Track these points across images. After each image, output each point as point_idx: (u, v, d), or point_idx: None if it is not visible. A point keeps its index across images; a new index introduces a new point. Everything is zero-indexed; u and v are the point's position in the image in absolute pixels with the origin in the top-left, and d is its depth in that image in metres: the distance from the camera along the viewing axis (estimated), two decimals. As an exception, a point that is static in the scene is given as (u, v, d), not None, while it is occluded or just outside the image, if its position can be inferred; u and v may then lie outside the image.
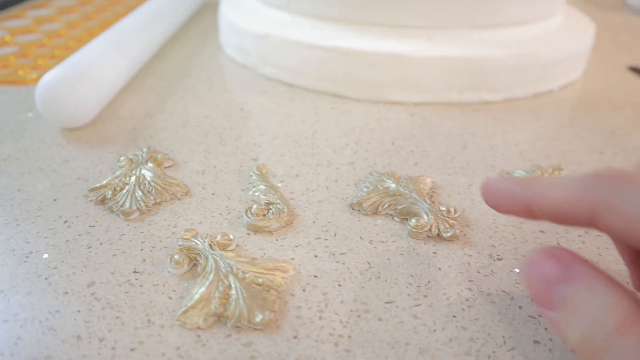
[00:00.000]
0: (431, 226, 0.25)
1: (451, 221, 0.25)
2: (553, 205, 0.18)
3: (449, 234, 0.25)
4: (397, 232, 0.25)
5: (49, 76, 0.32)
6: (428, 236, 0.25)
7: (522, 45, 0.39)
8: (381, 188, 0.28)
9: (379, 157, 0.32)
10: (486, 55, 0.38)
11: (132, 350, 0.19)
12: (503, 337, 0.20)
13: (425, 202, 0.26)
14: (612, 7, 0.74)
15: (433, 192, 0.28)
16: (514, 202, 0.19)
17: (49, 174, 0.29)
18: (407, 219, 0.26)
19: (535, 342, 0.20)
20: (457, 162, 0.32)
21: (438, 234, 0.25)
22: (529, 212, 0.19)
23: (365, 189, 0.28)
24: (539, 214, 0.19)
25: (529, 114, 0.38)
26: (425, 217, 0.25)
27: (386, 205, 0.26)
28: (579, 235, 0.26)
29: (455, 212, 0.26)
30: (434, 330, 0.20)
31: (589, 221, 0.17)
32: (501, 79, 0.39)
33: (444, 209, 0.26)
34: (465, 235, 0.25)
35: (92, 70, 0.35)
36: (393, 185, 0.28)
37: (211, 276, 0.21)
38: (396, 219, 0.26)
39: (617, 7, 0.74)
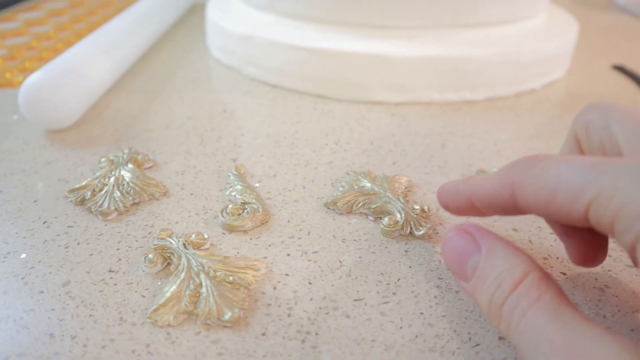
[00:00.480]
0: (403, 224, 0.25)
1: (424, 220, 0.26)
2: (485, 194, 0.20)
3: (421, 232, 0.25)
4: (370, 231, 0.26)
5: (32, 78, 0.33)
6: (400, 234, 0.25)
7: (503, 45, 0.40)
8: (356, 187, 0.28)
9: (357, 156, 0.32)
10: (467, 54, 0.38)
11: (103, 347, 0.19)
12: (469, 333, 0.20)
13: (399, 201, 0.27)
14: (601, 7, 0.74)
15: (408, 191, 0.29)
16: (458, 198, 0.21)
17: (31, 176, 0.30)
18: (380, 218, 0.26)
19: (500, 338, 0.20)
20: (435, 161, 0.32)
21: (410, 232, 0.25)
22: (472, 205, 0.21)
23: (341, 188, 0.28)
24: (479, 205, 0.20)
25: (510, 113, 0.39)
26: (398, 216, 0.26)
27: (360, 204, 0.27)
28: (551, 233, 0.26)
29: (429, 211, 0.27)
30: (401, 327, 0.21)
31: (512, 202, 0.18)
32: (483, 78, 0.39)
33: (417, 207, 0.26)
34: (437, 233, 0.26)
35: (77, 72, 0.35)
36: (368, 185, 0.28)
37: (183, 274, 0.22)
38: (370, 217, 0.27)
39: (607, 7, 0.74)
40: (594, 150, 0.20)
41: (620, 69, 0.48)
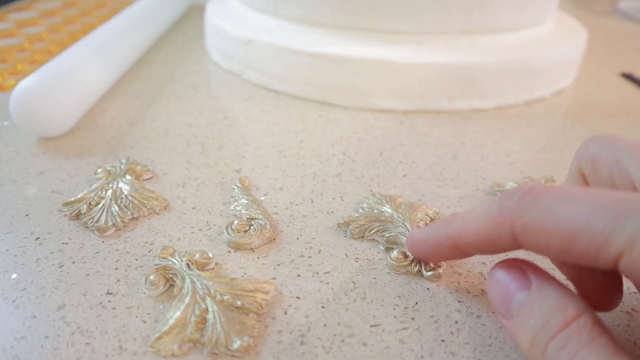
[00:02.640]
0: (412, 261, 0.23)
1: None
2: (475, 238, 0.18)
3: (429, 274, 0.23)
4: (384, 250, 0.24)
5: (24, 83, 0.31)
6: (408, 272, 0.23)
7: (513, 52, 0.39)
8: (376, 211, 0.26)
9: (366, 168, 0.31)
10: (476, 61, 0.37)
11: (101, 380, 0.18)
12: (493, 362, 0.19)
13: None
14: (604, 13, 0.73)
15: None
16: (441, 247, 0.20)
17: (22, 187, 0.28)
18: (392, 249, 0.24)
19: (527, 368, 0.19)
20: (447, 174, 0.31)
21: (418, 271, 0.23)
22: (459, 251, 0.19)
23: (360, 210, 0.26)
24: (468, 249, 0.19)
25: (521, 122, 0.38)
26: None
27: (374, 230, 0.25)
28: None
29: None
30: (422, 356, 0.19)
31: (513, 244, 0.17)
32: (492, 86, 0.38)
33: None
34: (455, 272, 0.24)
35: (71, 77, 0.34)
36: (389, 211, 0.26)
37: (187, 299, 0.20)
38: (381, 247, 0.25)
39: (609, 13, 0.74)
40: (603, 186, 0.19)
41: (629, 77, 0.47)
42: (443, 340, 0.20)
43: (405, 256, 0.23)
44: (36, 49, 0.47)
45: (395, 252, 0.23)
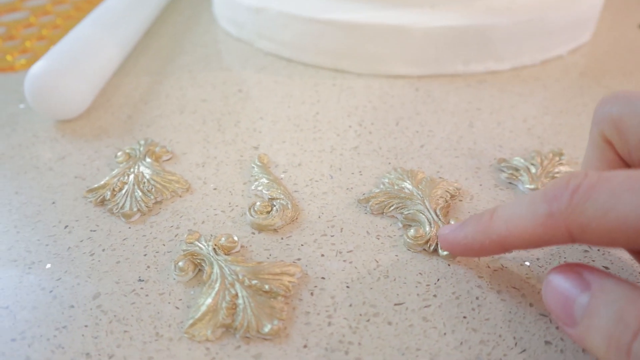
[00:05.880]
0: (429, 239, 0.23)
1: None
2: (525, 242, 0.17)
3: (445, 253, 0.23)
4: (404, 225, 0.25)
5: (37, 68, 0.31)
6: (424, 250, 0.23)
7: (527, 11, 0.37)
8: (396, 187, 0.26)
9: (383, 139, 0.31)
10: (491, 23, 0.36)
11: (141, 366, 0.19)
12: (514, 338, 0.20)
13: (435, 212, 0.24)
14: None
15: (457, 199, 0.26)
16: (483, 250, 0.20)
17: (46, 174, 0.29)
18: (410, 226, 0.24)
19: (547, 342, 0.20)
20: (464, 143, 0.31)
21: (435, 250, 0.23)
22: (504, 250, 0.19)
23: (381, 186, 0.27)
24: (514, 249, 0.19)
25: (537, 84, 0.37)
26: (427, 229, 0.24)
27: (393, 207, 0.25)
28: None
29: None
30: (444, 334, 0.20)
31: (569, 241, 0.16)
32: (507, 47, 0.37)
33: (453, 223, 0.24)
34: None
35: (83, 57, 0.33)
36: (409, 187, 0.26)
37: (217, 285, 0.21)
38: (399, 223, 0.25)
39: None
40: (634, 150, 0.18)
41: (648, 28, 0.46)
42: (465, 317, 0.20)
43: (422, 235, 0.23)
44: (43, 24, 0.47)
45: (412, 230, 0.24)
